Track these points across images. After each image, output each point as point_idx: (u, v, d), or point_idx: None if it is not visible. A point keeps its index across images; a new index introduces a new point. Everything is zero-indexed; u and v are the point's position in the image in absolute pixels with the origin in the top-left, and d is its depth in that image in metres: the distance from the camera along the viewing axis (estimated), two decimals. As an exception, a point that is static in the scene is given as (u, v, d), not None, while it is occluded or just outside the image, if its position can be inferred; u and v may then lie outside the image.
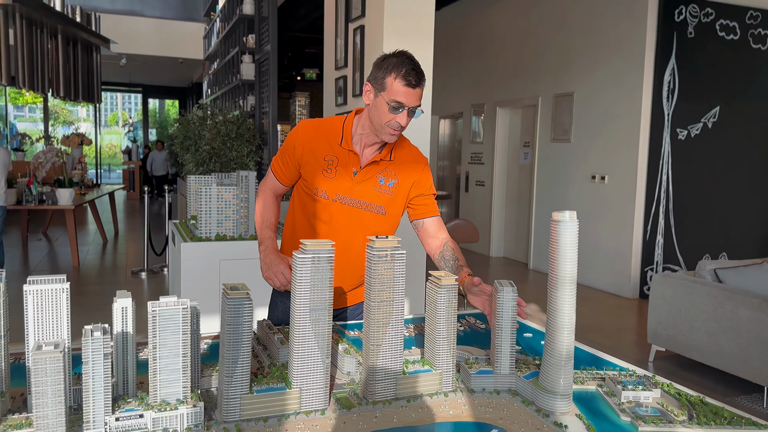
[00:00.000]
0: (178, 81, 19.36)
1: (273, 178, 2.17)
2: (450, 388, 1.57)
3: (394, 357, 1.51)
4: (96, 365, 1.25)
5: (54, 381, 1.24)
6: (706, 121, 6.33)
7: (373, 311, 1.50)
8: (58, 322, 1.40)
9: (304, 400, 1.43)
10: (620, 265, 6.37)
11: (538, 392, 1.50)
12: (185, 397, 1.36)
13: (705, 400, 1.56)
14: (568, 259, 1.46)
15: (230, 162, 6.34)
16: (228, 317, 1.36)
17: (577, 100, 6.89)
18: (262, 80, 7.08)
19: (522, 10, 7.85)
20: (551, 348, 1.48)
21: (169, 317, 1.33)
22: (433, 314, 1.58)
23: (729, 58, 6.36)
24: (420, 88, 1.91)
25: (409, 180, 2.10)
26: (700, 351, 3.83)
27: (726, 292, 3.68)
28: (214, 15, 9.54)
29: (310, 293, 1.43)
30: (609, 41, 6.44)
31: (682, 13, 6.06)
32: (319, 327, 1.44)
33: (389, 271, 1.50)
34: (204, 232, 4.20)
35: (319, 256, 1.43)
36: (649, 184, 6.18)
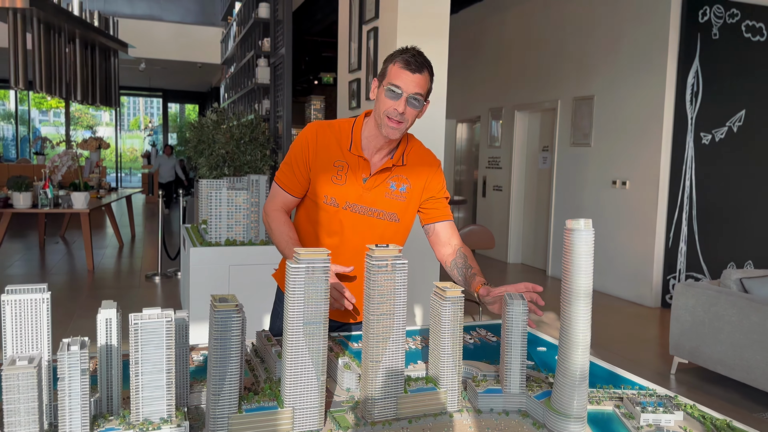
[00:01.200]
0: (198, 86, 19.49)
1: (282, 193, 2.02)
2: (455, 408, 1.47)
3: (394, 374, 1.42)
4: (72, 382, 1.18)
5: (27, 398, 1.16)
6: (731, 125, 6.14)
7: (373, 325, 1.40)
8: (38, 334, 1.32)
9: (297, 420, 1.34)
10: (642, 273, 6.19)
11: (550, 414, 1.39)
12: (169, 416, 1.27)
13: (732, 424, 1.43)
14: (582, 270, 1.36)
15: (243, 166, 6.29)
16: (215, 331, 1.28)
17: (597, 103, 6.74)
18: (277, 84, 7.03)
19: (541, 13, 7.71)
20: (564, 367, 1.37)
21: (151, 331, 1.25)
22: (438, 328, 1.48)
23: (755, 61, 6.16)
24: (422, 75, 1.81)
25: (421, 182, 2.00)
26: (724, 364, 3.66)
27: (753, 303, 3.52)
28: (231, 19, 9.54)
29: (303, 306, 1.33)
30: (630, 43, 6.29)
31: (706, 14, 5.89)
32: (314, 342, 1.35)
33: (389, 282, 1.41)
34: (214, 236, 4.14)
35: (313, 266, 1.34)
36: (671, 190, 6.00)
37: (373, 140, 1.93)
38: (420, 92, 1.82)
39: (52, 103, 25.09)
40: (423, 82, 1.81)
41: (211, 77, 17.07)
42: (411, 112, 1.83)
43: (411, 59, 1.80)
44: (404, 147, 1.97)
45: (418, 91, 1.81)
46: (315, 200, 1.99)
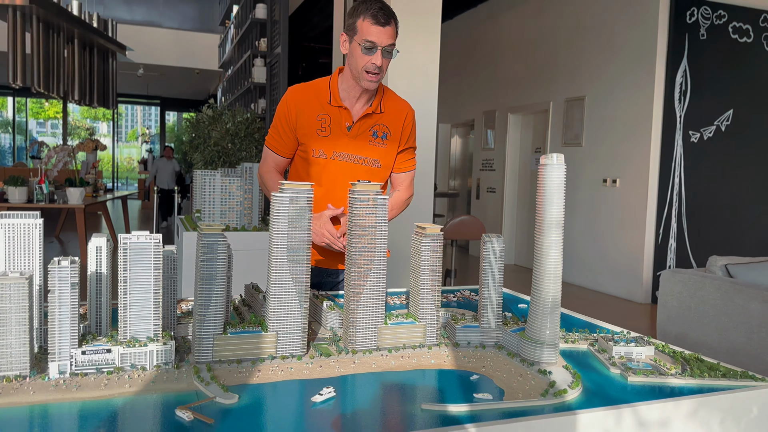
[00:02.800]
0: (195, 93, 19.60)
1: (272, 155, 2.15)
2: (434, 341, 1.52)
3: (375, 305, 1.47)
4: (62, 294, 1.22)
5: (18, 308, 1.21)
6: (719, 123, 6.23)
7: (354, 257, 1.45)
8: (30, 257, 1.37)
9: (281, 345, 1.39)
10: (632, 269, 6.25)
11: (524, 342, 1.44)
12: (156, 335, 1.32)
13: (701, 357, 1.49)
14: (554, 202, 1.42)
15: (239, 161, 6.35)
16: (202, 254, 1.33)
17: (588, 103, 6.83)
18: (272, 83, 7.12)
19: (532, 16, 7.84)
20: (537, 295, 1.43)
21: (139, 251, 1.30)
22: (418, 264, 1.53)
23: (742, 61, 6.27)
24: (390, 26, 1.91)
25: (399, 129, 2.12)
26: (710, 347, 3.71)
27: (736, 286, 3.58)
28: (229, 22, 9.65)
29: (287, 234, 1.39)
30: (620, 43, 6.39)
31: (693, 15, 6.01)
32: (297, 270, 1.40)
33: (371, 216, 1.46)
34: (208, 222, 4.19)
35: (297, 196, 1.39)
36: (661, 188, 6.08)
37: (351, 91, 2.04)
38: (392, 42, 1.92)
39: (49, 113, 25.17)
40: (393, 32, 1.92)
41: (209, 85, 17.18)
42: (386, 62, 1.94)
43: (378, 13, 1.89)
44: (381, 95, 2.09)
45: (390, 42, 1.91)
46: (305, 156, 2.09)
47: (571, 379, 1.31)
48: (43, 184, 6.62)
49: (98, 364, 1.25)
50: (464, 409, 1.12)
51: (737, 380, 1.33)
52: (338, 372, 1.33)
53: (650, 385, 1.31)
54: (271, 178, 2.16)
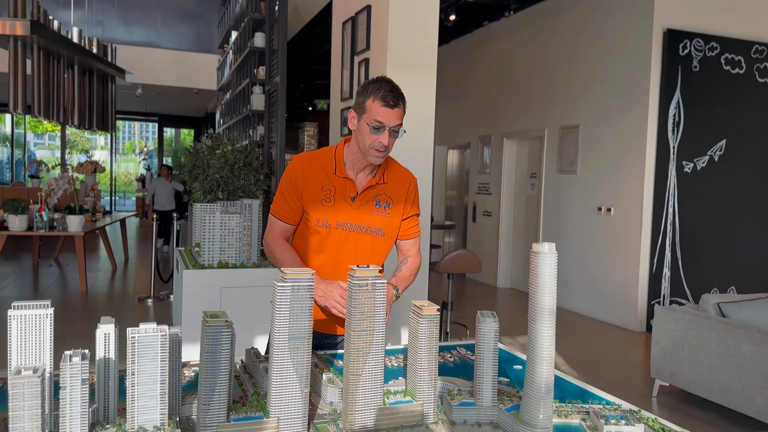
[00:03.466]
0: (193, 111, 19.70)
1: (278, 222, 2.17)
2: (431, 420, 1.57)
3: (374, 387, 1.52)
4: (74, 390, 1.27)
5: (31, 406, 1.25)
6: (713, 154, 6.32)
7: (354, 340, 1.51)
8: (41, 348, 1.42)
9: (282, 429, 1.44)
10: (627, 298, 6.31)
11: (518, 425, 1.49)
12: (162, 424, 1.37)
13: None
14: (546, 290, 1.47)
15: (237, 190, 6.41)
16: (206, 345, 1.38)
17: (582, 132, 6.92)
18: (271, 110, 7.19)
19: (527, 45, 7.94)
20: (531, 380, 1.48)
21: (147, 344, 1.35)
22: (415, 344, 1.58)
23: (735, 92, 6.37)
24: (399, 108, 1.98)
25: (402, 199, 2.18)
26: (703, 386, 3.76)
27: (729, 326, 3.64)
28: (228, 47, 9.74)
29: (289, 321, 1.44)
30: (614, 74, 6.49)
31: (686, 48, 6.11)
32: (298, 356, 1.45)
33: (370, 300, 1.52)
34: (207, 259, 4.24)
35: (299, 284, 1.45)
36: (655, 217, 6.15)
37: (356, 162, 2.10)
38: (399, 122, 1.99)
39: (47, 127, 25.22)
40: (400, 114, 1.99)
41: (207, 102, 17.28)
42: (392, 141, 2.01)
43: (389, 95, 1.96)
44: (384, 166, 2.15)
45: (398, 123, 1.99)
46: (307, 224, 2.14)
47: (563, 466, 1.36)
48: (43, 212, 6.66)
49: (107, 455, 1.30)
50: None
51: (723, 466, 1.38)
52: (338, 458, 1.37)
53: (639, 471, 1.36)
54: (279, 245, 2.16)
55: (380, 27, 4.55)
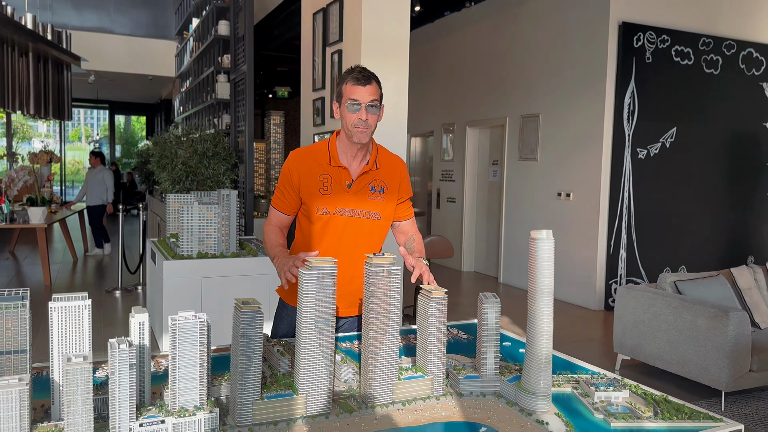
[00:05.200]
0: (147, 98, 19.25)
1: (277, 213, 2.34)
2: (441, 392, 1.72)
3: (390, 364, 1.65)
4: (122, 375, 1.36)
5: (84, 390, 1.34)
6: (664, 141, 6.66)
7: (372, 322, 1.64)
8: (81, 337, 1.50)
9: (310, 405, 1.56)
10: (586, 278, 6.62)
11: (521, 393, 1.66)
12: (202, 403, 1.47)
13: (667, 398, 1.73)
14: (545, 272, 1.63)
15: (206, 180, 6.41)
16: (241, 329, 1.49)
17: (542, 120, 7.17)
18: (237, 99, 7.18)
19: (489, 35, 8.14)
20: (532, 353, 1.65)
21: (187, 330, 1.45)
22: (425, 324, 1.73)
23: (684, 82, 6.72)
24: (371, 86, 2.14)
25: (395, 183, 2.33)
26: (663, 359, 4.05)
27: (685, 303, 3.92)
28: (188, 34, 9.61)
29: (315, 306, 1.56)
30: (573, 65, 6.75)
31: (640, 40, 6.40)
32: (324, 337, 1.58)
33: (386, 285, 1.65)
34: (185, 250, 4.28)
35: (323, 272, 1.57)
36: (611, 201, 6.46)
37: (348, 150, 2.25)
38: (374, 99, 2.16)
39: (-12, 115, 24.20)
40: (374, 91, 2.16)
41: (161, 89, 16.92)
42: (372, 117, 2.17)
43: (359, 75, 2.15)
44: (375, 153, 2.30)
45: (372, 98, 2.15)
46: (308, 214, 2.28)
47: (564, 428, 1.53)
48: (3, 204, 6.51)
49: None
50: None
51: (700, 421, 1.58)
52: (364, 430, 1.51)
53: (629, 429, 1.55)
54: (270, 230, 2.35)
55: (353, 19, 4.64)
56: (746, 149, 7.22)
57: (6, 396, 1.30)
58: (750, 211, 7.34)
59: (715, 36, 6.84)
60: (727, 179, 7.12)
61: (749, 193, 7.31)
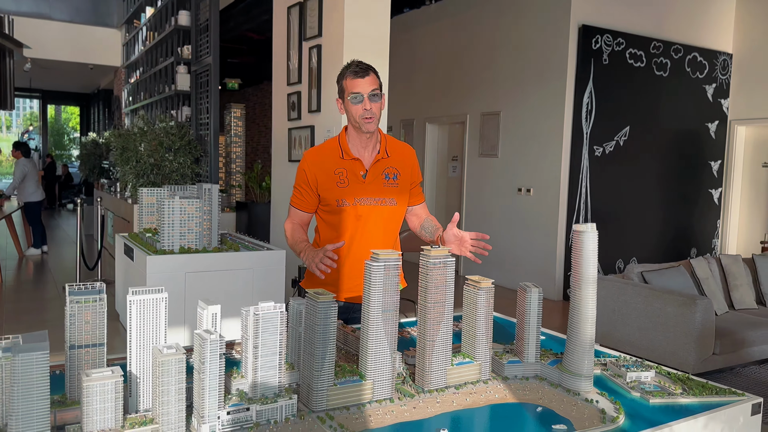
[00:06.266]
0: (83, 87, 18.47)
1: (296, 211, 2.42)
2: (487, 376, 1.82)
3: (446, 351, 1.75)
4: (212, 365, 1.40)
5: (177, 380, 1.37)
6: (618, 139, 7.02)
7: (429, 311, 1.72)
8: (157, 328, 1.51)
9: (376, 390, 1.63)
10: (546, 270, 6.90)
11: (565, 375, 1.78)
12: (281, 390, 1.52)
13: (690, 377, 1.90)
14: (590, 263, 1.76)
15: (172, 174, 6.29)
16: (319, 319, 1.54)
17: (503, 118, 7.40)
18: (200, 91, 7.06)
19: (450, 33, 8.31)
20: (576, 337, 1.77)
21: (269, 320, 1.49)
22: (473, 313, 1.83)
23: (637, 84, 7.09)
24: (369, 76, 2.26)
25: (407, 169, 2.44)
26: (633, 345, 4.31)
27: (654, 291, 4.19)
28: (139, 23, 9.32)
29: (381, 296, 1.63)
30: (534, 65, 7.00)
31: (598, 42, 6.72)
32: (389, 326, 1.65)
33: (442, 276, 1.74)
34: (167, 244, 4.21)
35: (388, 264, 1.64)
36: (570, 196, 6.76)
37: (358, 142, 2.36)
38: (374, 88, 2.27)
39: None
40: (373, 81, 2.27)
41: (100, 79, 16.29)
42: (375, 105, 2.28)
43: (357, 69, 2.26)
44: (384, 142, 2.40)
45: (373, 88, 2.26)
46: (328, 208, 2.36)
47: (611, 405, 1.66)
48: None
49: (239, 421, 1.44)
50: (559, 440, 1.44)
51: (726, 396, 1.75)
52: (430, 412, 1.59)
53: (666, 404, 1.70)
54: (292, 228, 2.43)
55: (334, 15, 4.68)
56: (691, 148, 7.70)
57: (102, 388, 1.31)
58: (694, 206, 7.83)
59: (664, 40, 7.25)
60: (674, 176, 7.58)
61: (693, 189, 7.80)
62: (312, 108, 4.98)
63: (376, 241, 2.36)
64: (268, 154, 14.33)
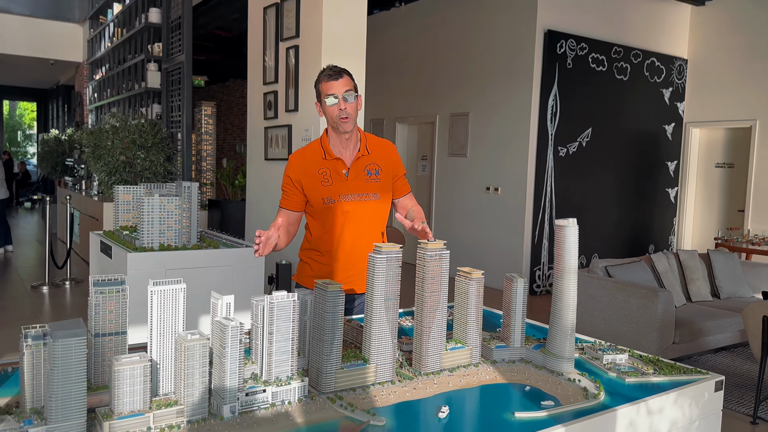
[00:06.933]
0: (41, 82, 18.02)
1: (284, 211, 2.54)
2: (478, 360, 1.97)
3: (441, 336, 1.88)
4: (233, 350, 1.50)
5: (201, 364, 1.47)
6: (581, 140, 7.30)
7: (426, 300, 1.86)
8: (176, 317, 1.61)
9: (379, 373, 1.76)
10: (513, 265, 7.12)
11: (548, 358, 1.94)
12: (293, 374, 1.64)
13: (659, 359, 2.09)
14: (571, 255, 1.93)
15: (144, 171, 6.28)
16: (328, 307, 1.66)
17: (472, 119, 7.60)
18: (171, 89, 7.05)
19: (419, 35, 8.47)
20: (559, 322, 1.93)
21: (283, 308, 1.61)
22: (465, 303, 1.97)
23: (598, 87, 7.38)
24: (342, 78, 2.40)
25: (388, 164, 2.58)
26: (599, 335, 4.53)
27: (618, 284, 4.43)
28: (105, 19, 9.21)
29: (384, 286, 1.76)
30: (501, 68, 7.21)
31: (562, 47, 6.97)
32: (390, 313, 1.78)
33: (438, 267, 1.87)
34: (146, 242, 4.24)
35: (390, 256, 1.77)
36: (536, 195, 7.00)
37: (338, 143, 2.50)
38: (348, 89, 2.41)
39: None
40: (346, 82, 2.41)
41: (60, 74, 15.94)
42: (350, 105, 2.41)
43: (331, 72, 2.41)
44: (364, 140, 2.55)
45: (347, 89, 2.40)
46: (316, 207, 2.51)
47: (592, 384, 1.83)
48: None
49: (256, 402, 1.55)
50: (552, 413, 1.59)
51: (692, 375, 1.94)
52: (429, 392, 1.73)
53: (641, 383, 1.87)
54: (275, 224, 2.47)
55: (312, 16, 4.77)
56: (649, 148, 8.05)
57: (132, 372, 1.41)
58: (652, 204, 8.18)
59: (624, 45, 7.56)
60: (633, 175, 7.91)
61: (651, 188, 8.15)
62: (289, 107, 5.07)
63: (362, 235, 2.49)
64: (234, 151, 14.27)
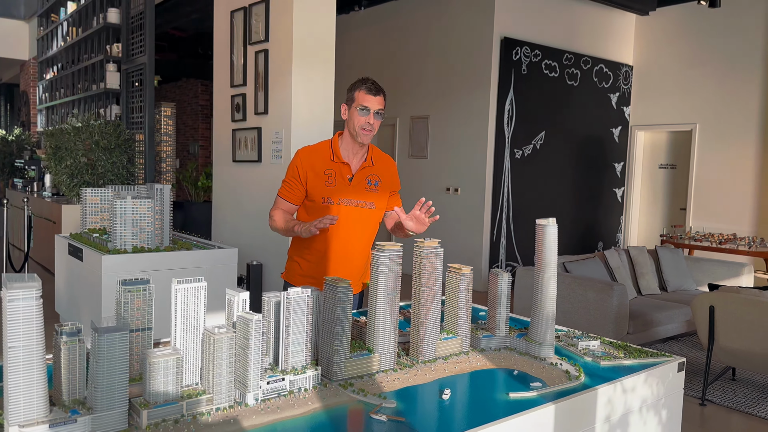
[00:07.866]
0: (-20, 80, 17.29)
1: (283, 202, 2.66)
2: (467, 349, 2.15)
3: (435, 327, 2.05)
4: (256, 342, 1.62)
5: (228, 355, 1.59)
6: (536, 143, 7.62)
7: (423, 293, 2.02)
8: (198, 313, 1.72)
9: (383, 362, 1.91)
10: (472, 263, 7.34)
11: (531, 345, 2.14)
12: (307, 364, 1.77)
13: (627, 344, 2.31)
14: (551, 250, 2.13)
15: (106, 173, 6.23)
16: (338, 301, 1.80)
17: (432, 122, 7.82)
18: (131, 90, 7.00)
19: (379, 39, 8.64)
20: (540, 312, 2.13)
21: (299, 302, 1.74)
22: (455, 296, 2.14)
23: (551, 92, 7.72)
24: (380, 96, 2.58)
25: (388, 178, 2.74)
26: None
27: (576, 279, 4.71)
28: (57, 18, 9.00)
29: (387, 282, 1.91)
30: (460, 73, 7.46)
31: (518, 54, 7.27)
32: (392, 306, 1.93)
33: (433, 264, 2.04)
34: (119, 244, 4.26)
35: (392, 254, 1.92)
36: (494, 196, 7.28)
37: (350, 149, 2.64)
38: (381, 108, 2.59)
39: None
40: (381, 101, 2.59)
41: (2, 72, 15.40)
42: (377, 122, 2.59)
43: (372, 87, 2.57)
44: (371, 152, 2.71)
45: (380, 107, 2.58)
46: (314, 204, 2.63)
47: (572, 367, 2.03)
48: None
49: (276, 389, 1.68)
50: (541, 393, 1.77)
51: (657, 358, 2.17)
52: (429, 378, 1.89)
53: (614, 366, 2.08)
54: (278, 214, 2.66)
55: (282, 21, 4.87)
56: (597, 150, 8.45)
57: (166, 363, 1.52)
58: (600, 204, 8.60)
59: (575, 52, 7.93)
60: (584, 176, 8.29)
61: (599, 189, 8.56)
62: (259, 110, 5.15)
63: (354, 239, 2.64)
64: (187, 152, 14.11)
